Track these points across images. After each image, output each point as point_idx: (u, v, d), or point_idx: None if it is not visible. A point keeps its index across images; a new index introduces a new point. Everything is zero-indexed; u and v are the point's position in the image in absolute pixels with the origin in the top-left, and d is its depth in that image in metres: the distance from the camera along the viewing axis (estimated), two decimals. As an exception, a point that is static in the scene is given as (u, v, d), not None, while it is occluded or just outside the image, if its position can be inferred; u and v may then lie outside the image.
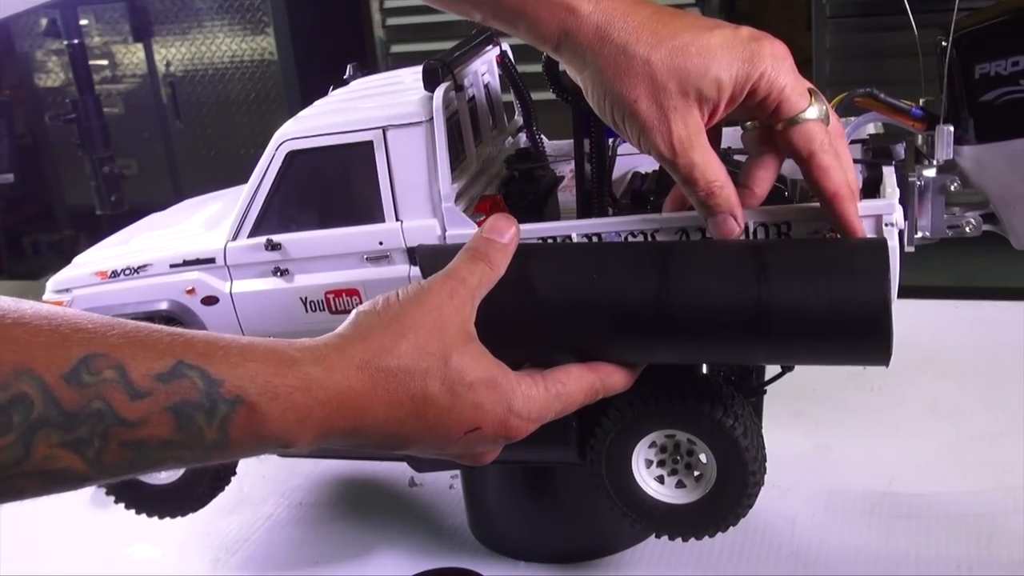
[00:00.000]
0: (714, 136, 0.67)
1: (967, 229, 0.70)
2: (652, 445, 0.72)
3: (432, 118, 0.72)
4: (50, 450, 0.46)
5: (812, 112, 0.62)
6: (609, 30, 0.60)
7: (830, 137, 0.63)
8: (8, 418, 0.45)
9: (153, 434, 0.49)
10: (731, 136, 0.71)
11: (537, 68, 0.72)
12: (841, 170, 0.63)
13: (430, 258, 0.70)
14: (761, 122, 0.65)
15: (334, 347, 0.56)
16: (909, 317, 0.61)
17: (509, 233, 0.65)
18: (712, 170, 0.62)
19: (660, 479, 0.73)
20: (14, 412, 0.45)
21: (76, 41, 2.62)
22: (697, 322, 0.62)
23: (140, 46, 3.47)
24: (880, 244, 0.62)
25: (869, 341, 0.60)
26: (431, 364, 0.57)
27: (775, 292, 0.60)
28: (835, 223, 0.64)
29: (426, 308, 0.59)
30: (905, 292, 0.62)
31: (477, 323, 0.61)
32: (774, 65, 0.61)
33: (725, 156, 0.70)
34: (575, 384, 0.63)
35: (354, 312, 0.59)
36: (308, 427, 0.53)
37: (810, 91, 0.63)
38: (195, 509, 0.88)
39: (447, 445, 0.59)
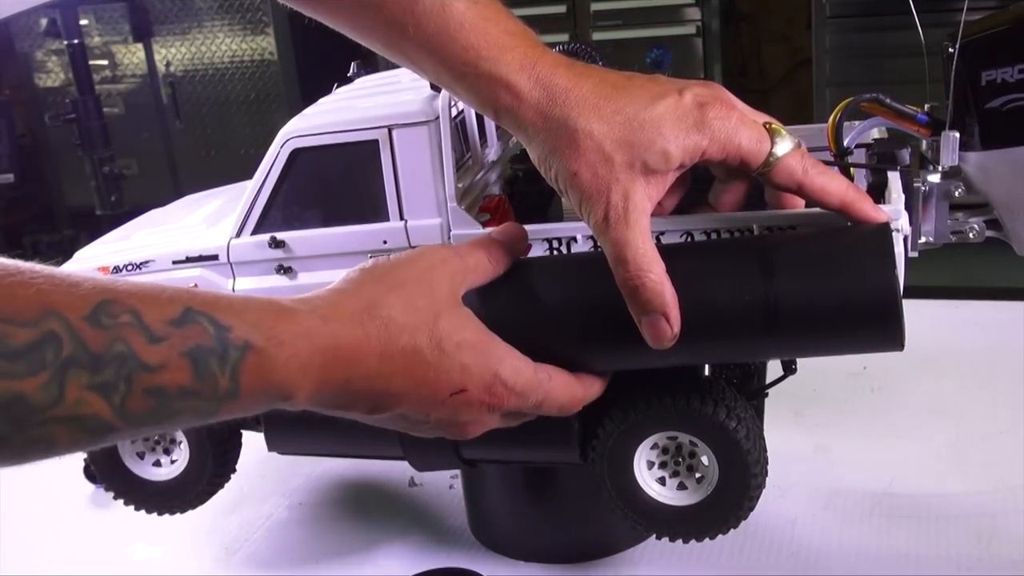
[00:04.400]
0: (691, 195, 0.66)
1: (971, 235, 0.70)
2: (654, 447, 0.73)
3: (437, 117, 0.72)
4: (81, 393, 0.46)
5: (779, 148, 0.61)
6: (551, 107, 0.60)
7: (807, 159, 0.62)
8: (42, 355, 0.45)
9: (173, 380, 0.49)
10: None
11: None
12: (833, 179, 0.62)
13: None
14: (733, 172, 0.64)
15: (326, 300, 0.57)
16: (909, 317, 0.61)
17: (520, 242, 0.66)
18: (647, 257, 0.59)
19: (662, 480, 0.73)
20: (47, 349, 0.45)
21: (76, 41, 2.62)
22: (706, 326, 0.61)
23: (140, 46, 3.47)
24: (883, 229, 0.61)
25: (882, 327, 0.60)
26: (420, 320, 0.57)
27: (783, 289, 0.60)
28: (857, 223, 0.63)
29: (418, 268, 0.60)
30: (905, 292, 0.62)
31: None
32: (721, 127, 0.60)
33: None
34: (560, 380, 0.63)
35: (344, 272, 0.60)
36: (308, 376, 0.54)
37: (767, 127, 0.61)
38: (195, 506, 0.88)
39: (433, 407, 0.59)
